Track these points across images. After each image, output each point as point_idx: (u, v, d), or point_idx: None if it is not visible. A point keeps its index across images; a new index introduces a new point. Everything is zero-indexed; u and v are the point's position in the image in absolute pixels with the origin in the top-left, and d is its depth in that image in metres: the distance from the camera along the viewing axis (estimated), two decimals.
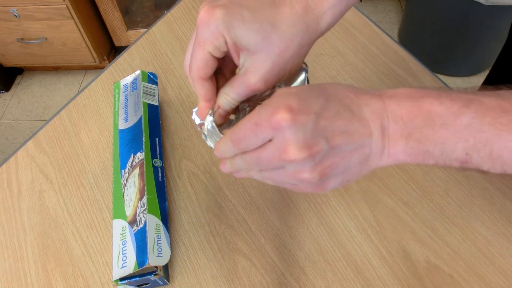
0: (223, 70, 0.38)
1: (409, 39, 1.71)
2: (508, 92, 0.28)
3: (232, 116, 0.38)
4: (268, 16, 0.32)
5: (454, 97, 0.28)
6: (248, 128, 0.29)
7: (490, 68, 0.75)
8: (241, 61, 0.34)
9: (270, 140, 0.29)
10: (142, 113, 0.55)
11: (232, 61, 0.35)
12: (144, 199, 0.48)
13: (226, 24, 0.31)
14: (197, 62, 0.34)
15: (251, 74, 0.33)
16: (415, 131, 0.29)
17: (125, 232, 0.46)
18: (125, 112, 0.56)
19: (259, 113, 0.29)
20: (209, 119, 0.36)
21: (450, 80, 1.70)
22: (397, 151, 0.30)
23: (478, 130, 0.27)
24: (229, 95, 0.35)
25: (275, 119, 0.27)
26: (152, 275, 0.45)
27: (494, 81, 0.74)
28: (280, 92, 0.30)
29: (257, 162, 0.30)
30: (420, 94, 0.29)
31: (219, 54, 0.34)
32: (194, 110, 0.37)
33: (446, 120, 0.28)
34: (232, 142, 0.31)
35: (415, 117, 0.29)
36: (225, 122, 0.37)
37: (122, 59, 0.69)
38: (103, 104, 0.64)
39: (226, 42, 0.33)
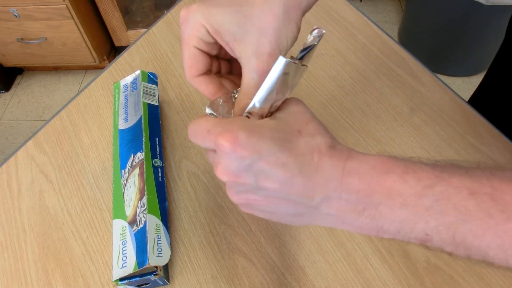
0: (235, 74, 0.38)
1: (409, 39, 1.71)
2: (479, 170, 0.26)
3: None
4: None
5: (421, 175, 0.26)
6: (201, 129, 0.29)
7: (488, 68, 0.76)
8: (237, 51, 0.32)
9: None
10: (142, 113, 0.55)
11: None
12: (144, 199, 0.48)
13: (204, 14, 0.32)
14: (186, 60, 0.34)
15: (252, 58, 0.31)
16: (370, 208, 0.27)
17: (125, 232, 0.46)
18: (125, 112, 0.56)
19: (217, 124, 0.29)
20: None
21: (450, 80, 1.70)
22: (345, 219, 0.28)
23: (441, 213, 0.25)
24: (248, 97, 0.32)
25: (220, 140, 0.27)
26: (152, 275, 0.45)
27: (492, 81, 0.74)
28: (250, 121, 0.29)
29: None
30: (385, 169, 0.27)
31: (205, 47, 0.33)
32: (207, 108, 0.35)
33: (407, 200, 0.26)
34: (188, 129, 0.31)
35: (373, 193, 0.27)
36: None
37: (122, 59, 0.69)
38: (103, 104, 0.64)
39: (208, 32, 0.32)
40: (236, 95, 0.34)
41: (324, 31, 0.32)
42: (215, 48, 0.35)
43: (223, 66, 0.38)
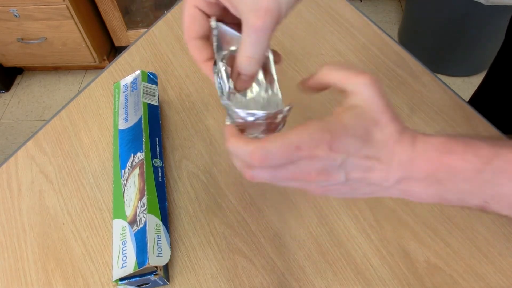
0: None
1: (409, 39, 1.71)
2: None
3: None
4: None
5: (479, 152, 0.29)
6: (287, 149, 0.29)
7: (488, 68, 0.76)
8: (239, 10, 0.31)
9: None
10: (142, 113, 0.55)
11: None
12: (144, 199, 0.48)
13: None
14: (185, 20, 0.33)
15: (250, 14, 0.30)
16: (435, 183, 0.30)
17: (125, 232, 0.46)
18: (125, 112, 0.56)
19: (304, 138, 0.29)
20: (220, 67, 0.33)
21: (450, 80, 1.70)
22: (412, 192, 0.31)
23: (499, 184, 0.28)
24: (244, 54, 0.32)
25: (315, 151, 0.29)
26: (152, 275, 0.45)
27: (492, 81, 0.74)
28: (329, 124, 0.30)
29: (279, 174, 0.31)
30: (447, 149, 0.30)
31: (206, 8, 0.33)
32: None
33: (467, 175, 0.29)
34: (260, 155, 0.29)
35: (438, 171, 0.30)
36: (248, 88, 0.34)
37: (122, 59, 0.69)
38: (103, 104, 0.64)
39: None
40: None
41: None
42: (217, 10, 0.34)
43: None
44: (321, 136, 0.29)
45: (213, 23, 0.34)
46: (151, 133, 0.54)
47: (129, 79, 0.59)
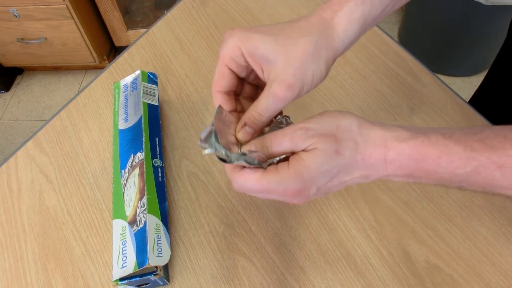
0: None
1: (409, 39, 1.71)
2: (507, 141, 0.30)
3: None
4: (284, 29, 0.35)
5: (453, 157, 0.31)
6: (260, 191, 0.34)
7: (489, 68, 0.75)
8: (266, 74, 0.35)
9: None
10: (142, 113, 0.55)
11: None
12: (144, 199, 0.48)
13: (242, 37, 0.35)
14: (215, 75, 0.37)
15: (274, 82, 0.34)
16: (413, 178, 0.33)
17: (125, 232, 0.46)
18: (125, 112, 0.56)
19: (271, 184, 0.33)
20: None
21: (450, 80, 1.70)
22: (393, 181, 0.36)
23: (473, 182, 0.31)
24: (256, 110, 0.35)
25: (287, 197, 0.34)
26: (152, 275, 0.45)
27: (493, 81, 0.74)
28: (294, 172, 0.32)
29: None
30: (421, 156, 0.32)
31: (236, 68, 0.36)
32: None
33: (442, 176, 0.32)
34: (237, 188, 0.35)
35: (413, 173, 0.33)
36: (247, 140, 0.37)
37: (122, 59, 0.69)
38: (103, 104, 0.64)
39: (242, 54, 0.35)
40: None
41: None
42: (245, 71, 0.37)
43: (247, 90, 0.40)
44: (292, 189, 0.32)
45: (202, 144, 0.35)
46: (151, 133, 0.54)
47: (129, 79, 0.59)
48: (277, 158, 0.34)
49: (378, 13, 0.37)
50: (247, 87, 0.40)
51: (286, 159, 0.34)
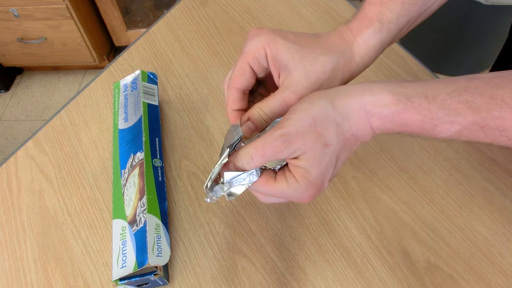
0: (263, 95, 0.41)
1: (409, 39, 1.71)
2: (480, 97, 0.30)
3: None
4: (308, 41, 0.36)
5: (437, 122, 0.31)
6: (270, 193, 0.36)
7: (490, 68, 0.75)
8: (281, 80, 0.36)
9: None
10: (142, 113, 0.55)
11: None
12: (144, 199, 0.48)
13: (269, 39, 0.36)
14: (235, 70, 0.37)
15: (288, 90, 0.35)
16: (400, 130, 0.34)
17: (125, 232, 0.46)
18: (125, 112, 0.56)
19: (284, 192, 0.34)
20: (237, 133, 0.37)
21: None
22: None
23: (454, 139, 0.32)
24: (262, 109, 0.36)
25: (302, 201, 0.35)
26: (152, 275, 0.45)
27: None
28: (304, 184, 0.34)
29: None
30: (404, 121, 0.32)
31: (256, 67, 0.37)
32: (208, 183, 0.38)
33: (427, 135, 0.33)
34: (258, 195, 0.37)
35: (399, 129, 0.34)
36: (250, 137, 0.38)
37: (122, 59, 0.69)
38: (103, 104, 0.64)
39: (266, 56, 0.36)
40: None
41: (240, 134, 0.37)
42: (263, 73, 0.38)
43: (257, 100, 0.41)
44: (309, 196, 0.34)
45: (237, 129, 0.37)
46: (151, 133, 0.54)
47: (129, 79, 0.59)
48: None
49: (394, 35, 0.39)
50: (258, 98, 0.41)
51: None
